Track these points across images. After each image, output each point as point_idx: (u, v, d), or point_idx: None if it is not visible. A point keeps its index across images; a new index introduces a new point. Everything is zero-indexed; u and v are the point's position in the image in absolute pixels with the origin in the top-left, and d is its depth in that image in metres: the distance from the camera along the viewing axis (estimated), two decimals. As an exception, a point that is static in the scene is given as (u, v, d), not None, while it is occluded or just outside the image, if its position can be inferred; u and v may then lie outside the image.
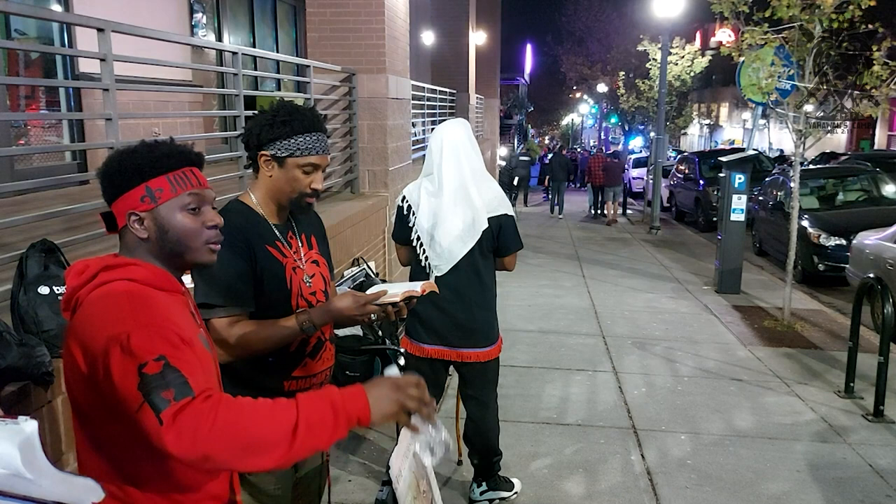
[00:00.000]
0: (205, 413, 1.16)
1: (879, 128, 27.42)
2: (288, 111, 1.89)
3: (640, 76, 18.34)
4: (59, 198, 3.98)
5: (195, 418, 1.15)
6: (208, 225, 1.43)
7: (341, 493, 3.54)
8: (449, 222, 3.00)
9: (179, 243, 1.40)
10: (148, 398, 1.16)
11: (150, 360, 1.19)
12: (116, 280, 1.33)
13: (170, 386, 1.17)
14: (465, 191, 3.01)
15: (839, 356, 5.52)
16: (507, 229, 3.08)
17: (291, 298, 1.93)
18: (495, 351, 3.21)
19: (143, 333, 1.22)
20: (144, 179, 1.38)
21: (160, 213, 1.39)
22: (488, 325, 3.18)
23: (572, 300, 7.75)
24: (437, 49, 15.23)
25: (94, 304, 1.30)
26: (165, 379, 1.17)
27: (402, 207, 3.14)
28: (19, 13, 3.08)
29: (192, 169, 1.44)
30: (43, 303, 2.14)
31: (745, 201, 7.93)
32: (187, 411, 1.15)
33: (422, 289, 1.93)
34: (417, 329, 3.16)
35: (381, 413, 1.29)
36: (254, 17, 9.42)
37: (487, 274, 3.12)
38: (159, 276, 1.39)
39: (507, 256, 3.16)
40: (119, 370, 1.20)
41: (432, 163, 3.07)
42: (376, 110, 6.36)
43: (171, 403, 1.15)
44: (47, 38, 5.79)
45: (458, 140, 3.05)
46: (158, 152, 1.40)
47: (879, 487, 3.65)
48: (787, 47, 6.57)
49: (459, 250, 3.01)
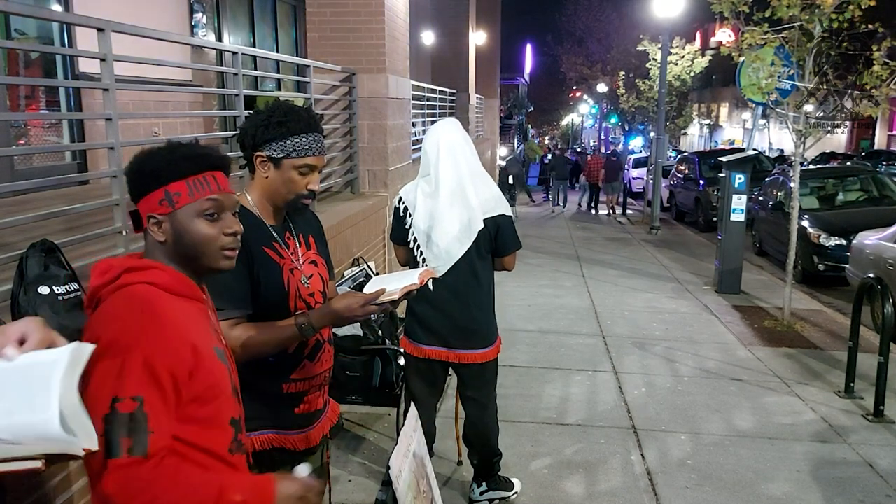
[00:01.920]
0: (144, 481, 1.21)
1: (879, 128, 27.45)
2: (283, 112, 1.88)
3: (640, 76, 18.32)
4: (59, 198, 3.98)
5: (135, 481, 1.20)
6: (226, 232, 1.41)
7: (341, 493, 3.53)
8: (446, 223, 3.00)
9: (195, 249, 1.40)
10: (107, 435, 1.19)
11: (127, 398, 1.21)
12: (138, 283, 1.33)
13: (131, 434, 1.20)
14: (462, 191, 3.01)
15: (839, 356, 5.52)
16: (505, 230, 3.07)
17: (289, 299, 1.92)
18: (493, 352, 3.21)
19: (137, 363, 1.23)
20: (163, 183, 1.37)
21: (177, 217, 1.38)
22: (486, 326, 3.18)
23: (572, 300, 7.75)
24: (437, 49, 15.23)
25: (112, 303, 1.31)
26: (130, 424, 1.20)
27: (398, 209, 3.14)
28: (19, 13, 3.07)
29: (215, 173, 1.42)
30: (43, 303, 2.14)
31: (745, 201, 7.92)
32: (132, 471, 1.20)
33: (420, 279, 1.91)
34: (416, 330, 3.15)
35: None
36: (254, 17, 9.41)
37: (485, 275, 3.12)
38: (181, 282, 1.39)
39: (507, 257, 3.15)
40: (97, 385, 1.21)
41: (428, 163, 3.06)
42: (376, 110, 6.36)
43: (122, 455, 1.19)
44: (47, 38, 5.79)
45: (454, 140, 3.04)
46: (178, 155, 1.39)
47: (879, 487, 3.65)
48: (787, 47, 6.56)
49: (457, 251, 3.00)
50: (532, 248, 11.32)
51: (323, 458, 2.13)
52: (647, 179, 16.61)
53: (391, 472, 1.79)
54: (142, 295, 1.31)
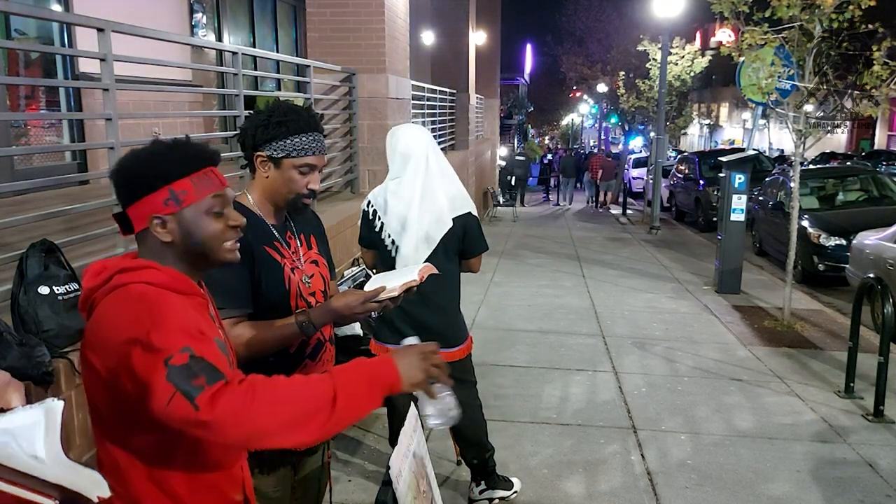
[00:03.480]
0: (242, 392, 1.17)
1: (879, 128, 27.44)
2: (283, 111, 1.87)
3: (640, 76, 18.32)
4: (59, 198, 3.98)
5: (233, 399, 1.16)
6: (230, 225, 1.42)
7: (341, 493, 3.53)
8: (415, 224, 3.00)
9: (205, 245, 1.39)
10: (180, 388, 1.15)
11: (176, 353, 1.18)
12: (132, 283, 1.31)
13: (200, 373, 1.16)
14: (431, 193, 3.01)
15: (839, 356, 5.52)
16: (472, 231, 3.09)
17: (290, 299, 1.92)
18: (462, 352, 3.22)
19: (163, 330, 1.21)
20: (167, 182, 1.35)
21: (184, 216, 1.37)
22: (454, 326, 3.20)
23: (572, 300, 7.75)
24: (437, 49, 15.22)
25: (109, 307, 1.29)
26: (194, 368, 1.17)
27: (367, 212, 3.12)
28: (19, 13, 3.07)
29: (213, 169, 1.42)
30: (43, 303, 2.14)
31: (745, 201, 7.92)
32: (224, 393, 1.16)
33: (420, 275, 1.90)
34: (383, 330, 3.15)
35: (410, 381, 1.37)
36: (254, 17, 9.42)
37: (452, 276, 3.13)
38: (177, 279, 1.37)
39: (473, 259, 3.17)
40: (143, 367, 1.18)
41: (397, 166, 3.05)
42: (376, 110, 6.36)
43: (204, 389, 1.15)
44: (47, 38, 5.79)
45: (420, 143, 3.04)
46: (180, 153, 1.38)
47: (879, 487, 3.65)
48: (787, 47, 6.56)
49: (424, 251, 3.01)
50: (532, 248, 11.32)
51: (323, 457, 2.13)
52: (647, 179, 16.62)
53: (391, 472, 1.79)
54: (140, 292, 1.29)
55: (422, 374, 1.38)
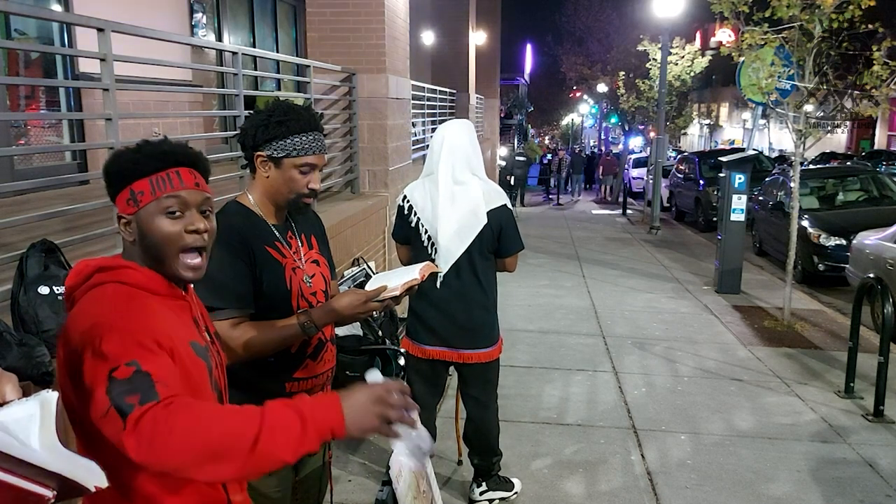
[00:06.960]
0: (163, 419, 1.11)
1: (879, 128, 27.46)
2: (283, 111, 1.87)
3: (640, 76, 18.31)
4: (59, 198, 3.97)
5: (154, 424, 1.11)
6: (188, 229, 1.35)
7: (341, 493, 3.53)
8: (446, 221, 3.00)
9: (158, 249, 1.36)
10: (114, 403, 1.13)
11: (122, 365, 1.16)
12: (109, 282, 1.31)
13: (137, 391, 1.13)
14: (464, 189, 3.01)
15: (839, 356, 5.52)
16: (508, 230, 3.08)
17: (292, 299, 1.92)
18: (496, 352, 3.21)
19: (115, 337, 1.19)
20: (129, 182, 1.36)
21: (141, 216, 1.35)
22: (489, 325, 3.18)
23: (572, 300, 7.75)
24: (437, 49, 15.22)
25: (83, 305, 1.30)
26: (134, 383, 1.14)
27: (402, 206, 3.14)
28: (19, 13, 3.07)
29: (179, 170, 1.37)
30: (43, 303, 2.14)
31: (745, 201, 7.92)
32: (147, 416, 1.12)
33: (421, 274, 1.89)
34: (418, 330, 3.15)
35: (359, 427, 1.20)
36: (254, 17, 9.41)
37: (488, 275, 3.12)
38: (154, 280, 1.36)
39: (509, 258, 3.15)
40: (90, 374, 1.18)
41: (432, 162, 3.07)
42: (376, 110, 6.36)
43: (135, 408, 1.12)
44: (47, 38, 5.78)
45: (459, 140, 3.05)
46: (143, 154, 1.37)
47: (879, 487, 3.65)
48: (787, 47, 6.56)
49: (457, 248, 3.01)
50: (532, 248, 11.31)
51: (324, 457, 2.13)
52: (647, 179, 16.61)
53: (391, 472, 1.80)
54: (112, 291, 1.30)
55: (374, 419, 1.20)
